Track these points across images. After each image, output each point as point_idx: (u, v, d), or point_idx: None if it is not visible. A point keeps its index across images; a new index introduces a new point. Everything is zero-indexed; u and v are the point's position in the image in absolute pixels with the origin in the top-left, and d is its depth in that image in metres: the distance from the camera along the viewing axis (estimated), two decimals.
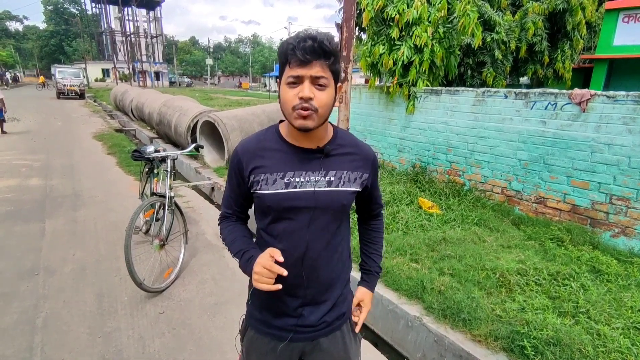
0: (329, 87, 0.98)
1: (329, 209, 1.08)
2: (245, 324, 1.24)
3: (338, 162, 1.09)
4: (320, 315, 1.14)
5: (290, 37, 0.98)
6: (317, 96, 0.96)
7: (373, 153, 1.18)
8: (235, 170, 1.12)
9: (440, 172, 5.30)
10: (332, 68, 0.98)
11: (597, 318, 2.38)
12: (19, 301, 2.83)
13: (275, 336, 1.14)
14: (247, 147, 1.11)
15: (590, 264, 3.11)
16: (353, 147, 1.14)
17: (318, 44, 0.93)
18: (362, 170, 1.13)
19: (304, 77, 0.95)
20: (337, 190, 1.08)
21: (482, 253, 3.22)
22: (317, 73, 0.94)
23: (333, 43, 0.96)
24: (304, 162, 1.06)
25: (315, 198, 1.06)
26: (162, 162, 3.46)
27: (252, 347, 1.19)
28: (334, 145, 1.09)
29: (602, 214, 3.71)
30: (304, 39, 0.94)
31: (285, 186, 1.05)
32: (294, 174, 1.05)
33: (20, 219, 4.40)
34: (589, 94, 3.65)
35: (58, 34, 65.32)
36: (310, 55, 0.93)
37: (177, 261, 3.29)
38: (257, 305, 1.18)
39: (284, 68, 0.98)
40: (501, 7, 7.10)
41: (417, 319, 2.51)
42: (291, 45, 0.94)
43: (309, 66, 0.94)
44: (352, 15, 4.01)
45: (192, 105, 8.49)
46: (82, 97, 24.33)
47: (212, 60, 61.97)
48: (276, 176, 1.05)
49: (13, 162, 7.17)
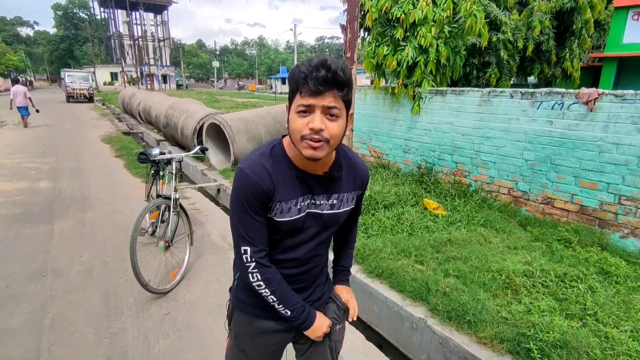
0: (340, 118, 0.95)
1: (329, 228, 1.17)
2: (231, 308, 1.28)
3: (340, 185, 1.13)
4: (303, 297, 1.21)
5: (303, 63, 0.93)
6: (328, 127, 0.93)
7: (368, 171, 1.24)
8: (254, 196, 1.02)
9: (445, 173, 5.27)
10: (345, 98, 0.95)
11: (605, 320, 2.34)
12: (27, 302, 2.87)
13: (261, 316, 1.20)
14: (260, 171, 1.02)
15: (599, 266, 3.07)
16: (352, 168, 1.16)
17: (332, 75, 0.89)
18: (358, 189, 1.20)
19: (315, 107, 0.91)
20: (337, 213, 1.14)
21: (488, 254, 3.19)
22: (329, 104, 0.91)
23: (347, 72, 0.92)
24: (312, 187, 1.08)
25: (322, 220, 1.13)
26: (167, 164, 3.49)
27: (240, 328, 1.25)
28: (338, 168, 1.11)
29: (611, 214, 3.65)
30: (317, 68, 0.89)
31: (298, 212, 1.08)
32: (303, 198, 1.08)
33: (30, 221, 4.46)
34: (597, 93, 3.60)
35: (68, 39, 66.38)
36: (323, 86, 0.89)
37: (182, 263, 3.31)
38: (244, 288, 1.22)
39: (295, 95, 0.95)
40: (508, 6, 7.05)
41: (421, 320, 2.50)
42: (303, 74, 0.91)
43: (322, 96, 0.91)
44: (356, 17, 4.01)
45: (198, 107, 8.56)
46: (90, 100, 24.66)
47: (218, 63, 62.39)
48: (290, 204, 1.06)
49: (23, 165, 7.28)
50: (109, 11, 50.41)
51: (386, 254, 3.24)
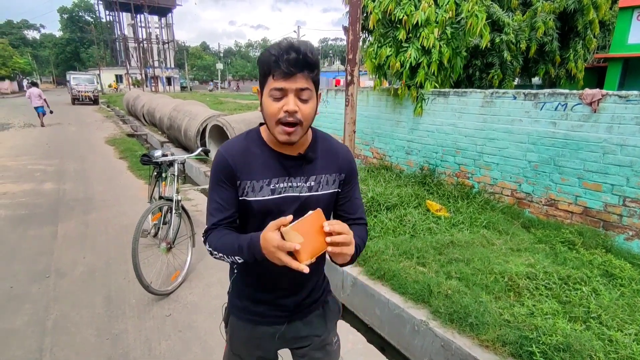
0: (312, 99, 0.99)
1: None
2: (227, 312, 1.29)
3: (317, 166, 1.11)
4: (296, 301, 1.20)
5: (272, 46, 0.96)
6: (302, 109, 0.97)
7: (350, 154, 1.21)
8: (223, 173, 1.07)
9: (448, 175, 5.25)
10: (315, 79, 0.99)
11: (609, 324, 2.31)
12: (30, 303, 2.89)
13: (254, 321, 1.21)
14: (233, 151, 1.08)
15: (603, 268, 3.04)
16: (331, 150, 1.16)
17: (302, 56, 0.92)
18: (339, 170, 1.16)
19: (288, 90, 0.95)
20: (317, 195, 1.11)
21: (490, 256, 3.17)
22: (301, 86, 0.95)
23: (315, 54, 0.96)
24: (287, 168, 1.08)
25: (300, 203, 1.09)
26: (170, 166, 3.51)
27: (234, 333, 1.26)
28: (313, 150, 1.11)
29: (615, 216, 3.62)
30: (287, 50, 0.92)
31: (272, 192, 1.06)
32: (277, 180, 1.06)
33: (34, 222, 4.50)
34: (600, 94, 3.58)
35: (73, 42, 66.91)
36: (295, 67, 0.92)
37: (184, 264, 3.32)
38: (238, 294, 1.24)
39: (266, 79, 0.97)
40: (511, 7, 7.02)
41: (423, 323, 2.48)
42: (274, 56, 0.93)
43: (293, 79, 0.93)
44: (358, 19, 4.01)
45: (201, 109, 8.60)
46: (95, 102, 24.83)
47: (222, 65, 62.65)
48: (262, 183, 1.06)
49: (28, 166, 7.34)
50: (114, 14, 50.81)
51: (388, 255, 3.22)
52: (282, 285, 1.17)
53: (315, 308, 1.27)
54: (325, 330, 1.28)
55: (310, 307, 1.24)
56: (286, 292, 1.18)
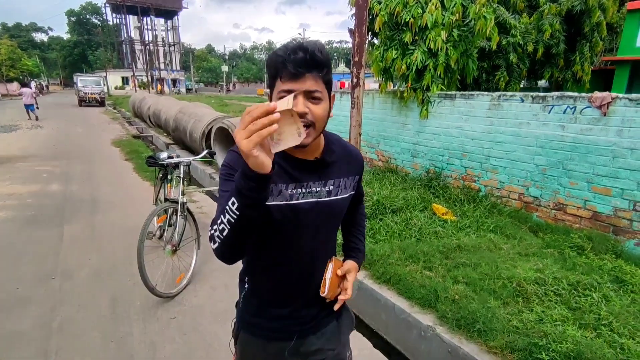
0: (323, 100, 0.94)
1: (331, 217, 1.10)
2: (236, 327, 1.25)
3: (334, 170, 1.09)
4: (312, 313, 1.16)
5: (280, 48, 0.93)
6: (312, 110, 0.92)
7: (361, 156, 1.21)
8: (236, 165, 0.98)
9: (454, 178, 5.21)
10: (326, 79, 0.95)
11: (621, 331, 2.27)
12: (36, 305, 2.89)
13: (267, 337, 1.15)
14: None
15: (613, 274, 2.99)
16: (345, 153, 1.14)
17: (310, 56, 0.89)
18: (355, 173, 1.16)
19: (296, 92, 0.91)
20: (336, 199, 1.09)
21: (498, 261, 3.13)
22: (310, 87, 0.91)
23: (325, 53, 0.92)
24: (304, 173, 1.04)
25: (318, 209, 1.05)
26: (175, 168, 3.51)
27: (245, 349, 1.21)
28: (328, 154, 1.08)
29: (626, 221, 3.56)
30: (294, 51, 0.89)
31: (289, 198, 1.01)
32: (295, 185, 1.02)
33: (41, 224, 4.52)
34: (610, 97, 3.53)
35: (81, 44, 67.65)
36: (303, 67, 0.89)
37: (189, 267, 3.31)
38: (248, 308, 1.19)
39: (275, 81, 0.94)
40: (517, 9, 6.99)
41: (430, 328, 2.45)
42: (281, 57, 0.90)
43: (302, 79, 0.90)
44: (364, 21, 4.00)
45: (207, 111, 8.62)
46: (102, 104, 25.04)
47: (227, 67, 62.95)
48: (280, 187, 1.01)
49: (35, 168, 7.40)
50: (121, 17, 51.21)
51: (394, 259, 3.20)
52: (298, 297, 1.14)
53: (330, 320, 1.22)
54: (339, 343, 1.24)
55: (325, 320, 1.20)
56: (302, 303, 1.15)
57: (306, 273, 1.12)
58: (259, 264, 1.15)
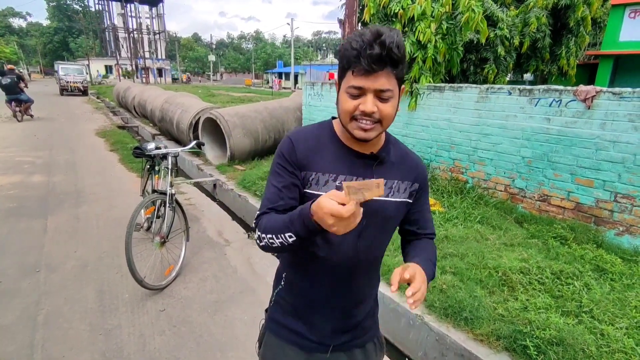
0: (393, 98, 0.90)
1: (378, 218, 1.02)
2: (263, 329, 1.18)
3: (389, 170, 1.03)
4: (346, 329, 1.10)
5: (354, 38, 0.86)
6: (381, 108, 0.88)
7: (423, 164, 1.12)
8: (287, 159, 0.98)
9: (442, 170, 5.27)
10: (399, 75, 0.90)
11: (601, 318, 2.35)
12: (20, 298, 2.83)
13: (296, 344, 1.09)
14: (302, 137, 1.00)
15: (594, 263, 3.08)
16: (404, 155, 1.08)
17: (387, 52, 0.82)
18: (412, 180, 1.08)
19: (367, 90, 0.87)
20: (387, 200, 1.02)
21: (484, 251, 3.20)
22: (382, 86, 0.86)
23: (402, 47, 0.85)
24: (357, 166, 0.99)
25: (366, 206, 0.92)
26: (163, 159, 3.45)
27: (269, 353, 1.14)
28: (386, 152, 1.03)
29: (607, 212, 3.67)
30: (370, 44, 0.82)
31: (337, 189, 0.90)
32: (345, 177, 0.97)
33: (23, 215, 4.41)
34: (594, 91, 3.60)
35: (62, 31, 65.43)
36: (377, 64, 0.83)
37: (178, 259, 3.29)
38: (282, 310, 1.12)
39: (345, 73, 0.90)
40: (505, 2, 7.03)
41: (418, 317, 2.50)
42: (355, 51, 0.84)
43: (374, 76, 0.85)
44: (355, 11, 3.98)
45: (194, 102, 8.49)
46: (85, 93, 24.38)
47: (214, 57, 61.91)
48: (328, 177, 0.97)
49: (16, 158, 7.19)
50: (103, 3, 49.76)
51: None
52: (335, 303, 1.07)
53: (363, 343, 1.15)
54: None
55: (356, 340, 1.13)
56: (338, 311, 1.08)
57: (345, 274, 1.04)
58: (295, 259, 1.09)
